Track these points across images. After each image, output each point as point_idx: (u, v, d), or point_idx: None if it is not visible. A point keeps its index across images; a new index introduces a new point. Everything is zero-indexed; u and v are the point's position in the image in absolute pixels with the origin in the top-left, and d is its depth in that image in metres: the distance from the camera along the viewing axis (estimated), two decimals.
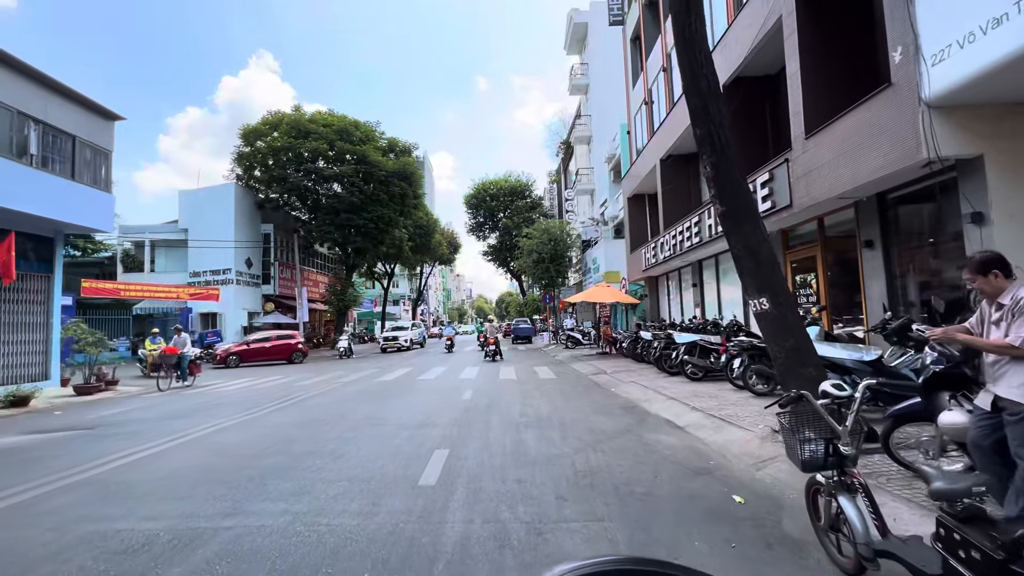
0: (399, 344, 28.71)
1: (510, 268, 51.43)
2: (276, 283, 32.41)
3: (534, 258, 30.02)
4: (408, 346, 29.19)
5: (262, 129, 29.86)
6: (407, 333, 30.39)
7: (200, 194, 30.37)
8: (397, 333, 30.01)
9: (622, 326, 23.45)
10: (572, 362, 17.41)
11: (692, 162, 15.43)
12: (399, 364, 18.83)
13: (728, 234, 5.37)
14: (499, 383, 12.08)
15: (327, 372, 16.50)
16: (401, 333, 30.07)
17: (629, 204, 19.89)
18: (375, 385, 12.23)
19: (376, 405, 9.03)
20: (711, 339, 10.25)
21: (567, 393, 10.20)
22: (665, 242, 14.91)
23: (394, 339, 29.08)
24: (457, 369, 15.96)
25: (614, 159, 27.16)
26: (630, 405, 8.48)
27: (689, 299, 16.02)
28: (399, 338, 29.20)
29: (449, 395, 10.10)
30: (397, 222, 35.07)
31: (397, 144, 34.67)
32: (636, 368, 13.62)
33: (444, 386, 11.64)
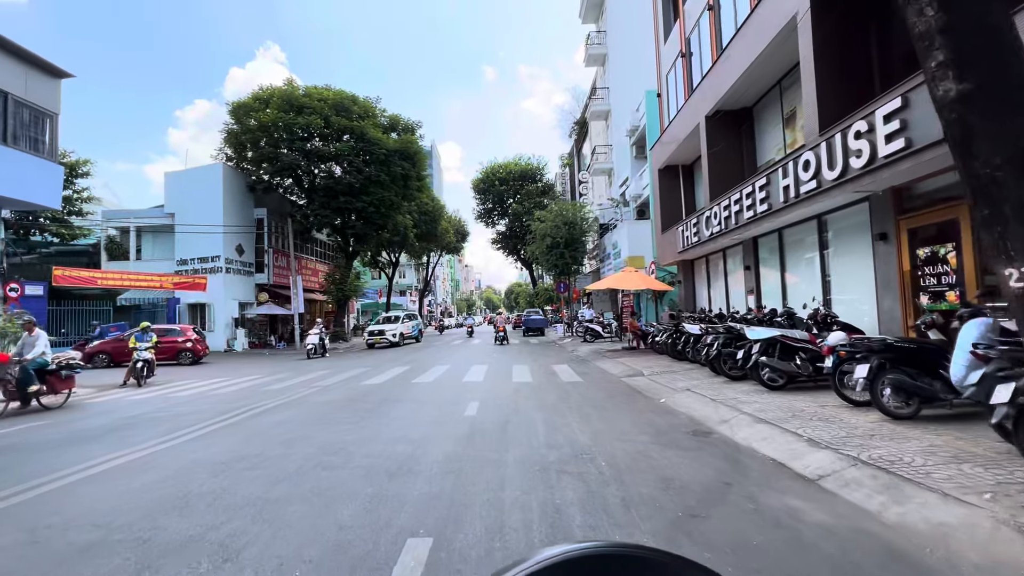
0: (387, 339, 25.08)
1: (520, 256, 48.93)
2: (271, 272, 30.21)
3: (547, 243, 27.50)
4: (397, 341, 25.50)
5: (252, 105, 27.47)
6: (397, 327, 26.37)
7: (187, 176, 28.16)
8: (384, 327, 25.99)
9: (648, 317, 20.90)
10: (595, 359, 14.95)
11: (745, 118, 12.79)
12: (394, 362, 16.49)
13: (970, 139, 2.73)
14: (512, 388, 9.66)
15: (310, 371, 14.20)
16: (389, 327, 26.09)
17: (660, 177, 17.27)
18: (358, 391, 9.87)
19: (345, 427, 6.64)
20: (795, 335, 7.73)
21: (603, 405, 7.76)
22: (711, 217, 12.34)
23: (380, 333, 25.27)
24: (462, 368, 13.57)
25: (637, 131, 24.46)
26: (701, 429, 6.01)
27: (738, 284, 13.45)
28: (386, 332, 25.38)
29: (448, 409, 7.69)
30: (400, 206, 32.69)
31: (399, 122, 32.19)
32: (680, 369, 11.14)
33: (443, 395, 9.24)
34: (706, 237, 12.78)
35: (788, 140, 11.10)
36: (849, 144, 6.98)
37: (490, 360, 15.74)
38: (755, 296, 12.20)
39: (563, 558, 0.56)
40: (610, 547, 0.59)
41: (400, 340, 25.93)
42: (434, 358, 17.16)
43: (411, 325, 28.69)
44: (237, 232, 28.11)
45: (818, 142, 7.79)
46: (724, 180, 12.49)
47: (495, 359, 16.16)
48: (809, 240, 10.03)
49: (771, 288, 11.78)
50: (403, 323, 27.38)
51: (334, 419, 7.12)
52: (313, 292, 35.51)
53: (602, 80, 33.44)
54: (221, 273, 27.07)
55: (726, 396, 7.45)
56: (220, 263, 27.15)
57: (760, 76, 11.12)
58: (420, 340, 29.83)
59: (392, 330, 25.86)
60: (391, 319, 27.72)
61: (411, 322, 28.91)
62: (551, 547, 0.58)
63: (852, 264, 8.79)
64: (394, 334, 25.58)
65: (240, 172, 28.87)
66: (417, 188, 32.98)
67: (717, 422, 6.16)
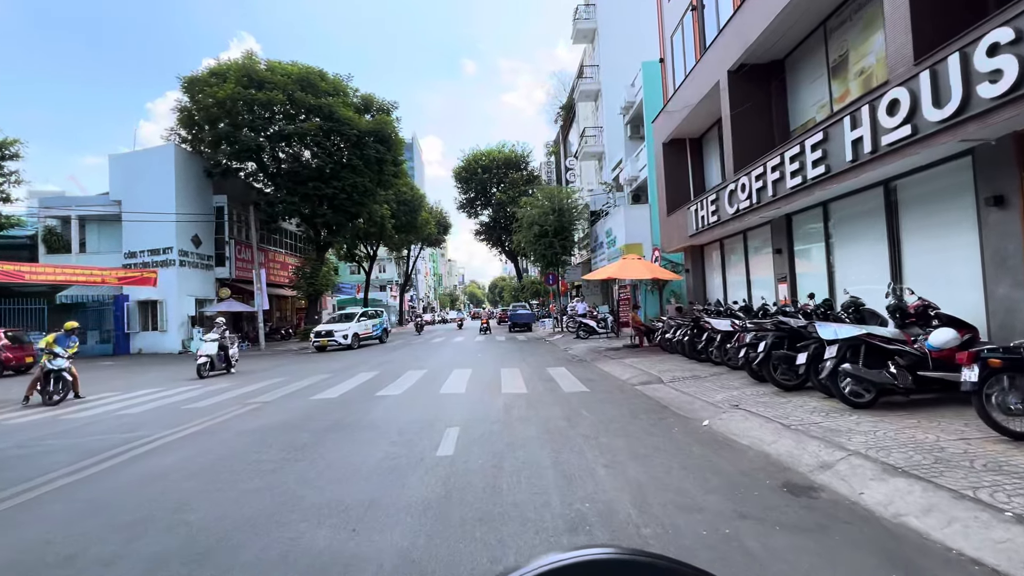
0: (336, 342, 20.90)
1: (505, 248, 46.77)
2: (232, 265, 27.56)
3: (535, 232, 25.40)
4: (350, 344, 21.10)
5: (208, 79, 24.70)
6: (348, 326, 21.84)
7: (134, 159, 25.35)
8: (334, 327, 21.76)
9: (649, 310, 18.96)
10: (596, 359, 12.93)
11: (775, 73, 10.80)
12: (363, 366, 14.24)
13: None
14: (502, 404, 7.54)
15: (261, 379, 11.89)
16: (339, 327, 21.75)
17: (664, 152, 15.24)
18: (302, 411, 7.64)
19: (256, 482, 4.42)
20: (885, 333, 5.75)
21: (628, 432, 5.68)
22: (736, 191, 10.34)
23: (327, 335, 21.04)
24: (440, 373, 11.40)
25: (633, 108, 22.44)
26: (795, 481, 3.96)
27: (763, 271, 11.51)
28: (335, 334, 21.10)
29: (415, 442, 5.52)
30: (375, 193, 30.23)
31: (373, 102, 29.67)
32: (705, 373, 9.15)
33: (412, 415, 7.06)
34: (728, 215, 10.79)
35: (837, 93, 9.12)
36: (975, 66, 4.98)
37: (474, 362, 13.60)
38: (788, 284, 10.26)
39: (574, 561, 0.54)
40: (625, 554, 0.55)
41: (354, 343, 21.49)
42: (409, 361, 14.95)
43: (371, 324, 24.03)
44: (193, 221, 25.42)
45: (913, 73, 5.79)
46: (752, 146, 10.49)
47: (479, 361, 14.03)
48: (869, 213, 8.07)
49: (810, 274, 9.84)
50: (359, 322, 22.85)
51: (246, 465, 4.90)
52: (282, 287, 32.93)
53: (591, 58, 31.33)
54: (174, 267, 24.41)
55: (798, 419, 5.44)
56: (173, 255, 24.47)
57: (800, 17, 9.12)
58: (385, 341, 25.13)
59: (342, 330, 21.50)
60: (344, 317, 23.82)
61: (370, 320, 24.09)
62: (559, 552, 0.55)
63: (942, 239, 6.84)
64: (344, 335, 21.25)
65: (196, 156, 26.14)
66: (393, 174, 30.52)
67: (814, 467, 4.13)
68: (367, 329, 23.30)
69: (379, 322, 24.97)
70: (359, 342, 21.98)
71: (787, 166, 8.42)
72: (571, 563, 0.54)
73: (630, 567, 0.55)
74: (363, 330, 22.78)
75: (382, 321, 25.46)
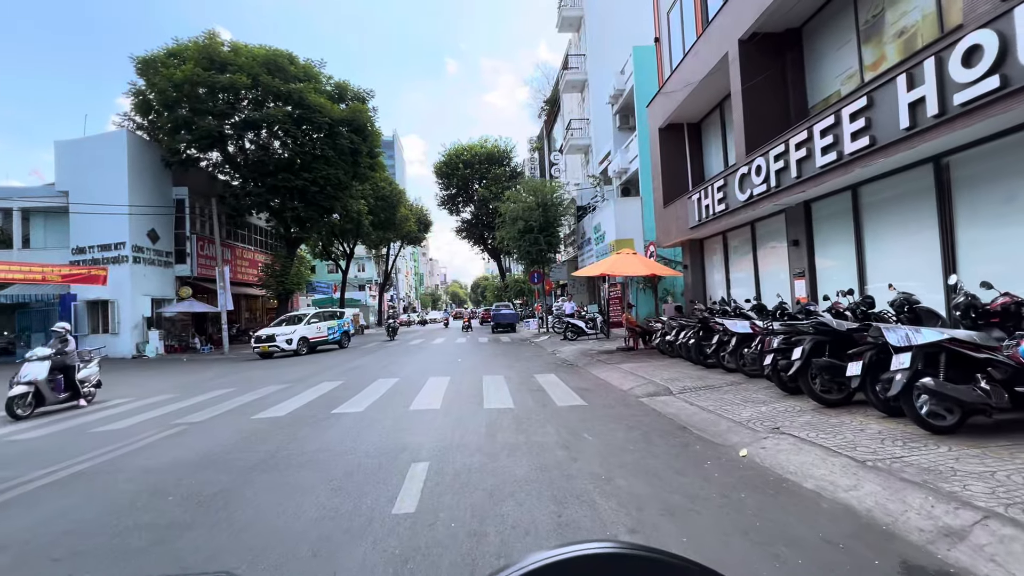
0: (278, 347, 18.32)
1: (487, 245, 45.37)
2: (194, 262, 25.61)
3: (519, 227, 24.08)
4: (296, 349, 18.61)
5: (164, 60, 22.77)
6: (295, 330, 19.06)
7: (83, 146, 23.23)
8: (277, 331, 18.92)
9: (643, 309, 17.78)
10: (588, 364, 11.65)
11: (790, 44, 9.62)
12: (328, 372, 12.75)
13: None
14: (484, 425, 6.17)
15: (209, 390, 10.29)
16: (283, 331, 18.92)
17: (661, 138, 14.04)
18: (232, 440, 6.13)
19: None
20: (973, 338, 4.55)
21: (647, 468, 4.37)
22: (749, 175, 9.16)
23: (269, 339, 18.39)
24: (414, 382, 9.97)
25: (622, 97, 21.27)
26: (928, 564, 2.68)
27: (775, 266, 10.36)
28: (278, 338, 18.44)
29: (366, 491, 4.09)
30: (350, 187, 28.59)
31: (347, 90, 27.98)
32: (720, 383, 7.92)
33: (369, 444, 5.60)
34: (739, 203, 9.59)
35: (869, 59, 7.97)
36: None
37: (453, 369, 12.21)
38: (806, 280, 9.10)
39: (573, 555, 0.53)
40: (623, 548, 0.55)
41: (301, 348, 18.84)
42: (381, 367, 13.48)
43: (326, 327, 21.04)
44: (149, 214, 23.44)
45: (1003, 10, 4.60)
46: (765, 125, 9.32)
47: (459, 366, 12.64)
48: (914, 195, 6.92)
49: (834, 268, 8.69)
50: (309, 324, 19.93)
51: (111, 538, 3.44)
52: (251, 286, 31.01)
53: (577, 48, 30.14)
54: (127, 263, 22.43)
55: (869, 450, 4.19)
56: (126, 251, 22.49)
57: None
58: (345, 346, 22.01)
59: (287, 334, 18.72)
60: (293, 319, 20.66)
61: (326, 323, 21.10)
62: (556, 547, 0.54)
63: (1016, 224, 5.69)
64: (288, 339, 18.55)
65: (154, 144, 24.15)
66: (369, 166, 28.88)
67: (935, 535, 2.86)
68: (320, 333, 20.59)
69: (336, 325, 21.84)
70: (308, 347, 19.40)
71: (816, 142, 7.23)
72: (570, 557, 0.53)
73: (630, 561, 0.55)
74: (314, 334, 20.09)
75: (341, 324, 22.28)
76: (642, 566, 0.54)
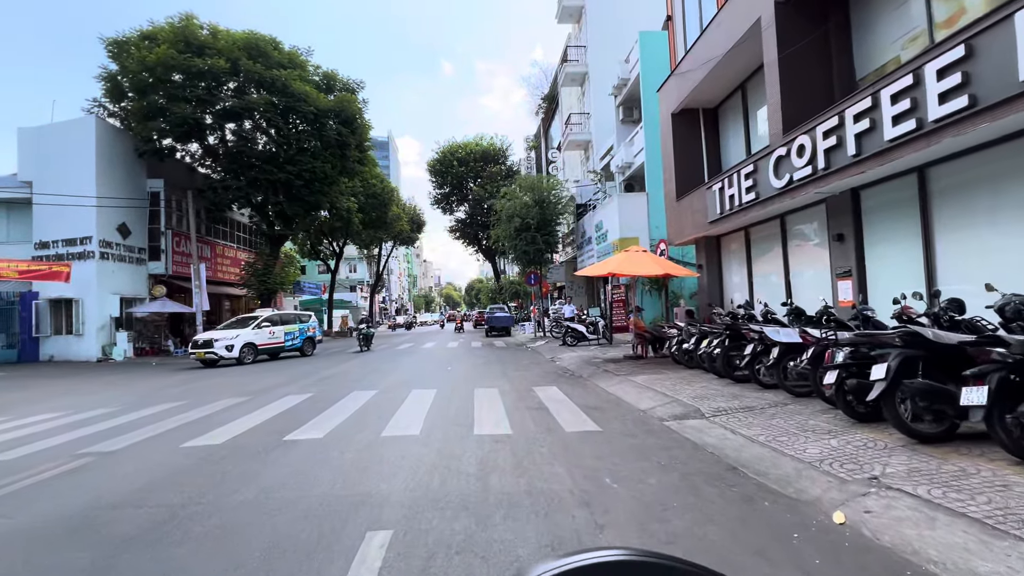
0: (214, 354, 15.73)
1: (481, 245, 43.96)
2: (169, 259, 24.02)
3: (515, 225, 22.70)
4: (240, 358, 16.06)
5: (137, 42, 21.26)
6: (238, 334, 16.47)
7: (49, 133, 21.65)
8: (217, 335, 16.41)
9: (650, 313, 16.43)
10: (594, 374, 10.28)
11: (837, 4, 8.32)
12: (296, 385, 11.31)
13: None
14: (476, 462, 4.77)
15: (163, 400, 8.81)
16: (225, 335, 16.33)
17: (674, 125, 12.72)
18: (133, 483, 4.60)
19: None
20: None
21: (714, 544, 2.99)
22: (784, 158, 7.84)
23: (206, 345, 15.88)
24: (393, 397, 8.55)
25: (627, 87, 19.97)
26: None
27: (809, 266, 9.04)
28: (215, 344, 15.83)
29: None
30: (337, 182, 27.12)
31: (335, 80, 26.58)
32: (757, 401, 6.56)
33: (314, 495, 4.13)
34: (773, 190, 8.26)
35: (943, 15, 6.66)
36: None
37: (441, 378, 10.80)
38: (853, 281, 7.77)
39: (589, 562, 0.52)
40: (635, 555, 0.55)
41: (246, 356, 16.28)
42: (361, 375, 12.06)
43: (283, 332, 18.14)
44: (119, 206, 21.86)
45: None
46: (806, 100, 8.01)
47: (449, 375, 11.23)
48: (1017, 174, 5.60)
49: (889, 267, 7.37)
50: (259, 328, 17.19)
51: None
52: (233, 286, 29.41)
53: (577, 39, 28.88)
54: (94, 259, 20.85)
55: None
56: (92, 246, 20.91)
57: None
58: (309, 353, 19.20)
59: (227, 340, 16.09)
60: (239, 322, 18.19)
61: (282, 327, 18.19)
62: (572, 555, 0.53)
63: None
64: (229, 346, 15.92)
65: (127, 132, 22.57)
66: (357, 160, 27.42)
67: None
68: (272, 339, 17.68)
69: (297, 329, 18.86)
70: (255, 355, 16.75)
71: (885, 110, 5.90)
72: (581, 566, 0.52)
73: (642, 569, 0.54)
74: (264, 339, 17.31)
75: (304, 328, 19.29)
76: (654, 573, 0.53)
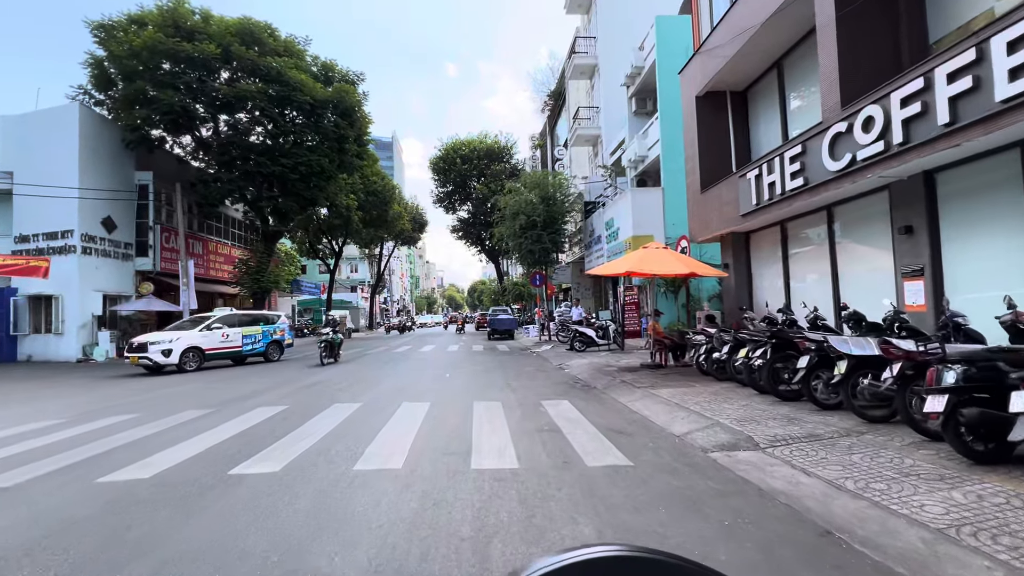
0: (149, 360, 13.44)
1: (484, 246, 42.77)
2: (157, 255, 22.92)
3: (521, 222, 21.49)
4: (177, 364, 13.78)
5: (124, 26, 20.20)
6: (179, 337, 14.15)
7: (31, 121, 20.57)
8: (154, 337, 14.11)
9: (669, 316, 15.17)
10: (611, 387, 9.03)
11: None
12: (270, 394, 10.11)
13: None
14: (471, 517, 3.55)
15: (114, 412, 7.61)
16: (163, 338, 14.00)
17: (699, 109, 11.50)
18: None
19: None
20: None
21: None
22: (844, 135, 6.61)
23: (140, 349, 13.58)
24: (381, 412, 7.33)
25: (640, 76, 18.76)
26: None
27: (867, 264, 7.79)
28: (152, 348, 13.52)
29: None
30: (335, 177, 25.98)
31: (334, 71, 25.45)
32: (822, 428, 5.31)
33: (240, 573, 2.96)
34: (828, 174, 7.02)
35: None
36: None
37: (437, 388, 9.58)
38: (926, 281, 6.51)
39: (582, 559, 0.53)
40: (630, 551, 0.55)
41: (188, 363, 14.06)
42: (350, 383, 10.86)
43: (242, 334, 15.68)
44: (103, 198, 20.76)
45: None
46: (868, 67, 6.77)
47: (446, 385, 10.01)
48: None
49: (974, 264, 6.12)
50: (208, 331, 14.85)
51: None
52: (226, 284, 28.28)
53: (586, 31, 27.71)
54: (75, 254, 19.74)
55: None
56: (74, 240, 19.80)
57: None
58: (275, 359, 16.72)
59: (163, 343, 13.71)
60: (192, 323, 15.50)
61: (239, 329, 15.69)
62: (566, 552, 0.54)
63: None
64: (166, 350, 13.62)
65: (114, 123, 21.46)
66: (356, 154, 26.28)
67: None
68: (226, 342, 15.22)
69: (260, 332, 16.31)
70: (201, 361, 14.45)
71: (997, 62, 4.66)
72: (577, 562, 0.53)
73: (636, 564, 0.55)
74: (214, 343, 14.85)
75: (269, 331, 16.65)
76: (648, 569, 0.54)
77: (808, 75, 9.14)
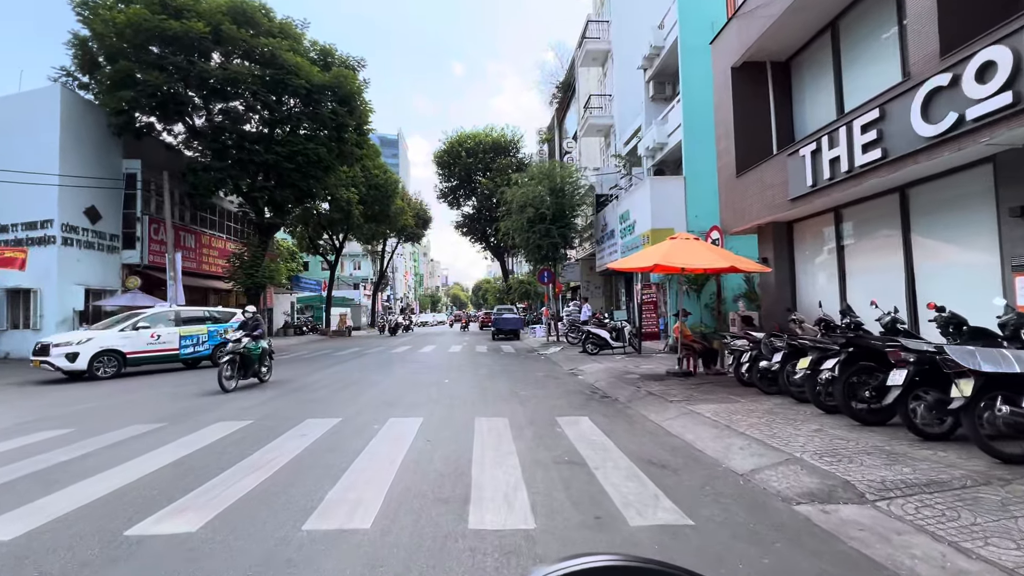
0: (52, 364, 11.38)
1: (489, 243, 41.46)
2: (145, 248, 21.74)
3: (528, 215, 20.14)
4: (84, 370, 11.60)
5: (108, 3, 18.99)
6: (87, 339, 11.93)
7: (9, 103, 19.43)
8: (59, 338, 12.07)
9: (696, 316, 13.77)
10: (636, 399, 7.69)
11: None
12: (235, 404, 8.84)
13: None
14: None
15: (49, 426, 6.36)
16: (69, 339, 11.95)
17: (734, 83, 10.11)
18: None
19: None
20: None
21: None
22: (941, 93, 5.23)
23: (42, 352, 11.56)
24: (361, 432, 6.04)
25: (659, 58, 17.36)
26: None
27: (958, 256, 6.40)
28: (54, 351, 11.46)
29: None
30: (334, 168, 24.70)
31: (332, 57, 24.15)
32: (939, 471, 3.93)
33: None
34: (921, 142, 5.65)
35: None
36: None
37: (434, 398, 8.26)
38: None
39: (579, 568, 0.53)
40: (627, 560, 0.55)
41: (101, 368, 11.83)
42: (335, 390, 9.58)
43: (179, 335, 13.32)
44: (86, 186, 19.57)
45: None
46: (976, 7, 5.39)
47: (443, 393, 8.68)
48: None
49: None
50: (137, 330, 12.65)
51: None
52: (220, 279, 27.10)
53: (599, 14, 26.33)
54: (54, 245, 18.58)
55: None
56: (54, 231, 18.65)
57: None
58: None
59: (69, 346, 11.56)
60: (119, 321, 13.19)
61: (175, 328, 13.32)
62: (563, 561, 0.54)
63: None
64: (71, 354, 11.47)
65: (101, 108, 20.27)
66: (356, 143, 25.00)
67: None
68: (156, 344, 12.90)
69: (205, 332, 13.96)
70: (121, 366, 12.22)
71: None
72: (575, 571, 0.53)
73: (634, 574, 0.54)
74: (139, 346, 12.59)
75: (216, 331, 14.05)
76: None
77: (873, 35, 7.75)
